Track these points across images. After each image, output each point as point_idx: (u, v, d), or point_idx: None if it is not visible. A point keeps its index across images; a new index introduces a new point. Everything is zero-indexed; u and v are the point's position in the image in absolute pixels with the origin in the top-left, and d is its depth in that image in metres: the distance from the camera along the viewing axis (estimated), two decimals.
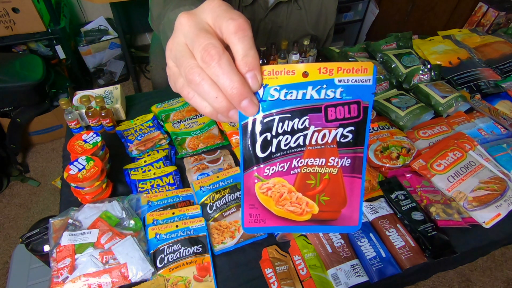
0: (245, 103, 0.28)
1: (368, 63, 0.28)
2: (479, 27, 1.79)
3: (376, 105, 0.92)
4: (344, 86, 0.29)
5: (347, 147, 0.31)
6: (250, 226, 0.32)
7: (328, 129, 0.30)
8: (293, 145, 0.30)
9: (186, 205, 0.70)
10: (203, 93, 0.28)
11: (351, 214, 0.32)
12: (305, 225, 0.32)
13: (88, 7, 2.19)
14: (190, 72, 0.28)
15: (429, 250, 0.64)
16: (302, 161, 0.31)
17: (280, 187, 0.32)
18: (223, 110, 0.28)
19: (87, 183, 0.65)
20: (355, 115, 0.30)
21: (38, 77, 1.62)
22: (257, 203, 0.32)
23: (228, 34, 0.27)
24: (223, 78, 0.26)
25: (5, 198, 1.71)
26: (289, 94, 0.29)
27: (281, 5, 0.96)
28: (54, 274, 0.57)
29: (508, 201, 0.71)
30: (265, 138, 0.30)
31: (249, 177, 0.31)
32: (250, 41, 0.27)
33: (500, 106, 0.95)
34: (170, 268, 0.60)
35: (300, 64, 0.28)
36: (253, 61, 0.27)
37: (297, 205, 0.32)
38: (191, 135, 0.84)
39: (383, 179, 0.76)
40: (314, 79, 0.29)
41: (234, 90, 0.27)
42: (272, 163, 0.31)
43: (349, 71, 0.28)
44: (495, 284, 1.52)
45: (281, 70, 0.28)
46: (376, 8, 2.35)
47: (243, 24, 0.27)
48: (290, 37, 1.05)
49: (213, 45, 0.26)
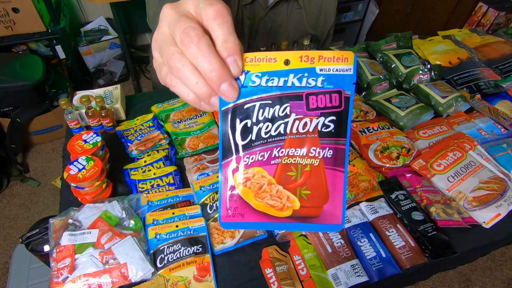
0: (225, 87, 0.27)
1: (349, 52, 0.28)
2: (479, 27, 1.79)
3: (376, 105, 0.92)
4: (326, 75, 0.29)
5: (329, 137, 0.30)
6: (227, 221, 0.31)
7: (309, 118, 0.30)
8: (273, 133, 0.30)
9: (186, 205, 0.70)
10: (184, 78, 0.28)
11: (333, 211, 0.31)
12: (285, 222, 0.31)
13: (88, 7, 2.19)
14: (171, 58, 0.28)
15: (429, 250, 0.64)
16: (282, 151, 0.30)
17: (260, 178, 0.31)
18: (204, 96, 0.28)
19: (87, 183, 0.65)
20: (337, 104, 0.29)
21: (38, 77, 1.62)
22: (235, 195, 0.31)
23: (208, 20, 0.27)
24: (202, 61, 0.26)
25: (5, 198, 1.71)
26: (270, 80, 0.29)
27: (281, 4, 0.96)
28: (54, 274, 0.57)
29: (508, 201, 0.71)
30: (245, 125, 0.30)
31: (228, 166, 0.31)
32: (229, 26, 0.27)
33: (500, 106, 0.95)
34: (170, 268, 0.60)
35: (282, 51, 0.28)
36: (233, 46, 0.27)
37: (277, 199, 0.31)
38: (191, 135, 0.84)
39: (383, 179, 0.76)
40: (296, 67, 0.29)
41: (214, 72, 0.27)
42: (252, 152, 0.30)
43: (330, 59, 0.28)
44: (495, 284, 1.52)
45: (263, 57, 0.29)
46: (376, 8, 2.35)
47: (222, 10, 0.27)
48: (290, 36, 1.05)
49: (192, 28, 0.27)
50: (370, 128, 0.83)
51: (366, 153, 0.78)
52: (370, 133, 0.82)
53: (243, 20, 0.96)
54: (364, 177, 0.73)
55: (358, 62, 0.99)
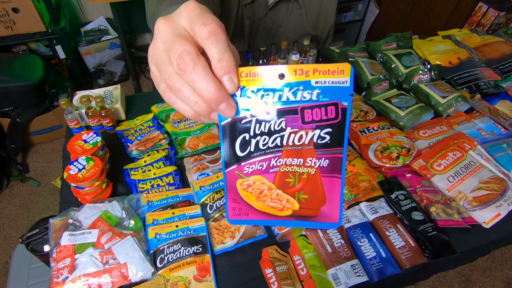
0: (223, 107, 0.29)
1: (345, 64, 0.28)
2: (479, 27, 1.80)
3: (376, 105, 0.92)
4: (321, 88, 0.29)
5: (324, 148, 0.31)
6: (234, 218, 0.34)
7: (305, 131, 0.30)
8: (271, 145, 0.31)
9: (186, 205, 0.70)
10: (184, 98, 0.29)
11: (331, 212, 0.33)
12: (287, 220, 0.33)
13: (88, 7, 2.19)
14: (169, 79, 0.29)
15: (429, 250, 0.64)
16: (280, 161, 0.32)
17: (260, 184, 0.32)
18: (204, 113, 0.29)
19: (87, 183, 0.65)
20: (333, 116, 0.30)
21: (38, 77, 1.62)
22: (239, 198, 0.33)
23: (202, 39, 0.28)
24: (199, 84, 0.27)
25: (5, 198, 1.71)
26: (265, 96, 0.29)
27: (281, 4, 0.96)
28: (54, 274, 0.57)
29: (508, 201, 0.71)
30: (244, 138, 0.31)
31: (231, 174, 0.33)
32: (223, 45, 0.27)
33: (500, 106, 0.95)
34: (170, 268, 0.60)
35: (277, 66, 0.29)
36: (228, 64, 0.28)
37: (278, 201, 0.33)
38: (191, 135, 0.84)
39: (383, 179, 0.76)
40: (291, 81, 0.29)
41: (211, 95, 0.27)
42: (251, 162, 0.32)
43: (325, 72, 0.28)
44: (495, 284, 1.52)
45: (258, 71, 0.29)
46: (376, 8, 2.35)
47: (215, 29, 0.27)
48: (290, 36, 1.05)
49: (187, 52, 0.27)
50: (370, 128, 0.83)
51: (366, 153, 0.78)
52: (370, 133, 0.82)
53: (243, 20, 0.96)
54: (364, 177, 0.73)
55: (358, 62, 0.99)
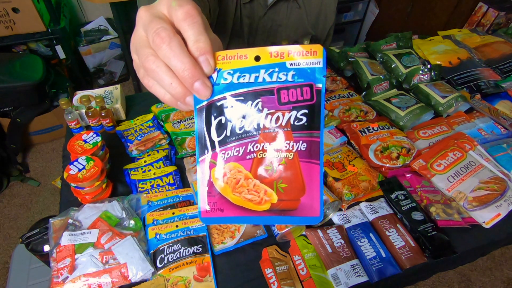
0: (198, 85, 0.28)
1: (317, 45, 0.29)
2: (479, 27, 1.79)
3: (376, 105, 0.92)
4: (296, 69, 0.29)
5: (302, 131, 0.30)
6: (207, 216, 0.31)
7: (282, 112, 0.30)
8: (247, 129, 0.31)
9: (186, 205, 0.70)
10: (159, 80, 0.29)
11: (311, 203, 0.31)
12: (264, 216, 0.31)
13: (88, 7, 2.19)
14: (146, 61, 0.29)
15: (429, 250, 0.64)
16: (257, 145, 0.31)
17: (236, 173, 0.31)
18: (179, 96, 0.29)
19: (87, 183, 0.65)
20: (308, 97, 0.30)
21: (38, 77, 1.62)
22: (214, 190, 0.31)
23: (178, 21, 0.28)
24: (174, 60, 0.27)
25: (5, 198, 1.71)
26: (242, 77, 0.30)
27: (281, 3, 0.96)
28: (54, 274, 0.57)
29: (508, 201, 0.71)
30: (220, 121, 0.30)
31: (205, 163, 0.31)
32: (199, 26, 0.28)
33: (500, 106, 0.95)
34: (170, 268, 0.60)
35: (253, 48, 0.29)
36: (204, 46, 0.28)
37: (255, 193, 0.31)
38: (191, 135, 0.83)
39: (383, 179, 0.76)
40: (266, 63, 0.29)
41: (186, 71, 0.27)
42: (228, 147, 0.31)
43: (299, 53, 0.29)
44: (495, 284, 1.52)
45: (234, 54, 0.29)
46: (376, 8, 2.35)
47: (191, 10, 0.28)
48: (290, 36, 1.05)
49: (163, 28, 0.27)
50: (370, 128, 0.83)
51: (366, 153, 0.78)
52: (370, 133, 0.82)
53: (242, 19, 0.96)
54: (364, 177, 0.73)
55: (358, 62, 0.99)
